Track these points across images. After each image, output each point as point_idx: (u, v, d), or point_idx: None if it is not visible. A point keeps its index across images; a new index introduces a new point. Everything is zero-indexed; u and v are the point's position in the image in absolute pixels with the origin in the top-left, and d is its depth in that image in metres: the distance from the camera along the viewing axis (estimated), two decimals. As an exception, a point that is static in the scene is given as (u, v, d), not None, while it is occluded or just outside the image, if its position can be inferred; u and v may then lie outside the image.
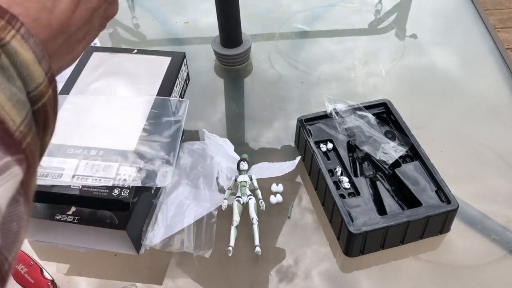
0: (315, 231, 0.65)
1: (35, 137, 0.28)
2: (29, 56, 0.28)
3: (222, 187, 0.68)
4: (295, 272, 0.61)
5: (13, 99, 0.26)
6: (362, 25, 1.01)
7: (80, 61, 0.77)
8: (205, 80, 0.89)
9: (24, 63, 0.27)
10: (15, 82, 0.27)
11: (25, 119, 0.27)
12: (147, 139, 0.64)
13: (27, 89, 0.28)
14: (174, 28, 1.02)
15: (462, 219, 0.66)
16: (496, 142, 0.75)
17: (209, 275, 0.61)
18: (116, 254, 0.63)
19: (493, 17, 2.23)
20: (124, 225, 0.58)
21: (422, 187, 0.64)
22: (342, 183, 0.66)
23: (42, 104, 0.29)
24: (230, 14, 0.85)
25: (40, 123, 0.29)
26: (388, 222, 0.60)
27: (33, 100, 0.28)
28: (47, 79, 0.29)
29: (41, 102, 0.29)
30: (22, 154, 0.26)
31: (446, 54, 0.92)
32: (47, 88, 0.29)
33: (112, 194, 0.58)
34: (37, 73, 0.28)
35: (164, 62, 0.77)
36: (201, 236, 0.63)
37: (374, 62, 0.91)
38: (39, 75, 0.28)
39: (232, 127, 0.81)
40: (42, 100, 0.29)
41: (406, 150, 0.68)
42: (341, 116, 0.73)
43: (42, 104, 0.29)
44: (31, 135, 0.27)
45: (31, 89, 0.28)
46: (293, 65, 0.91)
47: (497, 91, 0.84)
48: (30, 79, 0.28)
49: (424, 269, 0.61)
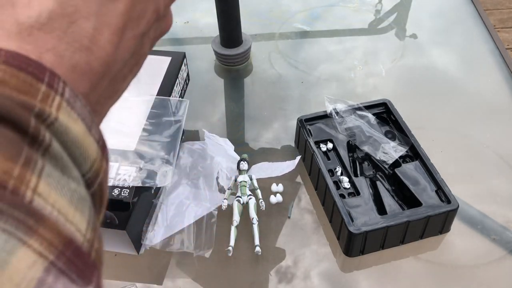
0: (315, 231, 0.65)
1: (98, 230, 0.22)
2: (79, 128, 0.21)
3: (222, 187, 0.68)
4: (295, 272, 0.61)
5: (74, 199, 0.20)
6: (362, 25, 1.01)
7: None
8: (205, 80, 0.89)
9: (75, 140, 0.21)
10: (72, 172, 0.21)
11: (89, 220, 0.21)
12: (147, 139, 0.64)
13: (82, 172, 0.22)
14: (174, 28, 1.01)
15: (462, 219, 0.66)
16: (496, 142, 0.75)
17: (209, 275, 0.61)
18: (116, 254, 0.63)
19: (493, 17, 2.23)
20: (124, 225, 0.58)
21: (422, 187, 0.64)
22: (342, 183, 0.66)
23: (98, 183, 0.23)
24: (230, 14, 0.85)
25: (96, 205, 0.23)
26: (388, 222, 0.60)
27: (89, 183, 0.22)
28: (100, 150, 0.23)
29: (98, 181, 0.23)
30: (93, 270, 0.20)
31: (446, 54, 0.92)
32: (101, 162, 0.23)
33: (112, 194, 0.58)
34: (90, 148, 0.22)
35: (164, 62, 0.77)
36: (201, 236, 0.63)
37: (374, 62, 0.91)
38: (92, 149, 0.22)
39: (232, 127, 0.81)
40: (98, 179, 0.23)
41: (406, 150, 0.68)
42: (341, 116, 0.73)
43: (98, 183, 0.23)
44: (96, 235, 0.21)
45: (86, 170, 0.22)
46: (293, 65, 0.91)
47: (497, 91, 0.84)
48: (83, 158, 0.22)
49: (424, 269, 0.61)
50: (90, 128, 0.22)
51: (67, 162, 0.20)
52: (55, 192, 0.19)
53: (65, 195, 0.19)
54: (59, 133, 0.20)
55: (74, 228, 0.19)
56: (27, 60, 0.20)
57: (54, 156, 0.20)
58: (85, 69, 0.24)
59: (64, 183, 0.20)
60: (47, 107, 0.20)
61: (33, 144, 0.19)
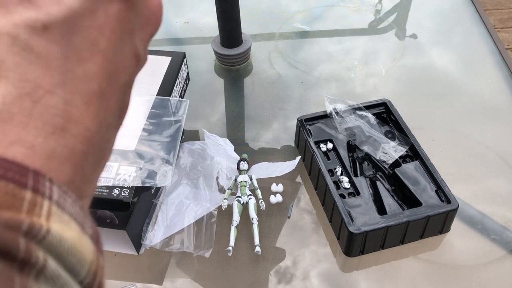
0: (315, 231, 0.65)
1: None
2: (74, 232, 0.18)
3: (222, 187, 0.68)
4: (295, 272, 0.61)
5: None
6: (362, 25, 1.01)
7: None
8: (205, 80, 0.89)
9: (71, 248, 0.18)
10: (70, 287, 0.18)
11: None
12: (147, 139, 0.64)
13: (79, 279, 0.19)
14: (174, 28, 1.02)
15: (462, 219, 0.66)
16: (496, 142, 0.75)
17: (209, 275, 0.61)
18: (116, 254, 0.63)
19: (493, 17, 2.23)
20: (124, 225, 0.58)
21: (422, 187, 0.64)
22: (342, 183, 0.66)
23: (97, 284, 0.20)
24: (230, 14, 0.85)
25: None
26: (388, 222, 0.60)
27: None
28: (95, 247, 0.20)
29: (96, 282, 0.20)
30: None
31: (446, 54, 0.92)
32: (97, 261, 0.20)
33: (112, 194, 0.58)
34: (86, 250, 0.19)
35: (164, 62, 0.77)
36: (201, 236, 0.63)
37: (374, 62, 0.91)
38: (88, 250, 0.19)
39: (232, 127, 0.81)
40: (96, 280, 0.20)
41: (406, 150, 0.68)
42: (341, 116, 0.73)
43: (97, 284, 0.20)
44: None
45: (83, 277, 0.19)
46: (293, 65, 0.91)
47: (497, 91, 0.84)
48: (80, 265, 0.18)
49: (424, 269, 0.61)
50: (83, 226, 0.19)
51: (65, 279, 0.17)
52: None
53: None
54: (53, 247, 0.17)
55: None
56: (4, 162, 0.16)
57: (50, 278, 0.17)
58: (64, 154, 0.20)
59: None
60: (35, 219, 0.16)
61: (25, 268, 0.16)
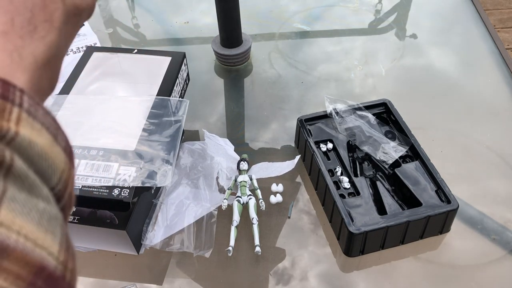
0: (315, 231, 0.65)
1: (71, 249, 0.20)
2: (45, 139, 0.20)
3: (222, 187, 0.68)
4: (295, 272, 0.61)
5: (43, 220, 0.18)
6: (361, 25, 1.01)
7: (80, 61, 0.77)
8: (205, 80, 0.89)
9: (42, 153, 0.19)
10: (40, 191, 0.19)
11: (61, 240, 0.19)
12: (147, 139, 0.64)
13: (51, 185, 0.20)
14: (174, 28, 1.02)
15: (462, 219, 0.66)
16: (496, 142, 0.75)
17: (209, 275, 0.61)
18: (116, 254, 0.63)
19: (493, 17, 2.23)
20: (124, 225, 0.58)
21: (422, 187, 0.64)
22: (342, 183, 0.66)
23: (68, 194, 0.21)
24: (230, 14, 0.85)
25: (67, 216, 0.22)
26: (388, 222, 0.60)
27: (59, 196, 0.21)
28: (67, 158, 0.21)
29: (67, 192, 0.21)
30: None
31: (446, 54, 0.92)
32: (69, 171, 0.21)
33: (112, 194, 0.58)
34: (58, 158, 0.20)
35: (164, 62, 0.77)
36: (201, 236, 0.63)
37: (374, 62, 0.91)
38: (60, 159, 0.20)
39: (232, 127, 0.81)
40: (67, 189, 0.21)
41: (406, 150, 0.68)
42: (341, 116, 0.73)
43: (68, 194, 0.21)
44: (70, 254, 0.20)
45: (55, 183, 0.20)
46: (293, 65, 0.91)
47: (497, 91, 0.84)
48: (52, 171, 0.20)
49: (424, 269, 0.61)
50: (56, 137, 0.20)
51: (34, 180, 0.19)
52: (20, 218, 0.17)
53: (33, 219, 0.18)
54: (22, 149, 0.18)
55: (45, 253, 0.18)
56: None
57: (18, 176, 0.18)
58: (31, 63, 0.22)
59: (32, 205, 0.18)
60: (4, 123, 0.18)
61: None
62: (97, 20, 1.03)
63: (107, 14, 1.06)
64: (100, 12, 1.06)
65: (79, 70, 0.75)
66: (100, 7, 1.08)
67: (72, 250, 0.20)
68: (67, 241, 0.20)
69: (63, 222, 0.20)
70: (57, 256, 0.19)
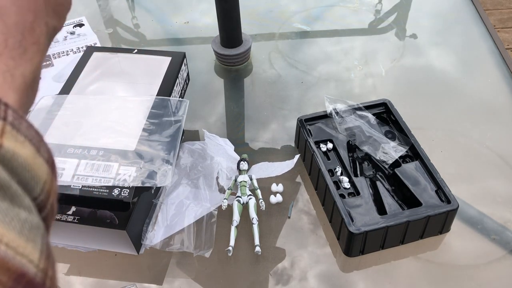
0: (315, 231, 0.65)
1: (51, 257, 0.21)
2: (28, 151, 0.20)
3: (222, 187, 0.68)
4: (294, 272, 0.61)
5: (25, 230, 0.19)
6: (361, 25, 1.01)
7: (80, 61, 0.77)
8: (205, 80, 0.89)
9: (25, 164, 0.20)
10: (22, 201, 0.20)
11: (42, 249, 0.20)
12: (147, 139, 0.64)
13: (33, 196, 0.21)
14: (174, 28, 1.02)
15: (462, 219, 0.66)
16: (496, 142, 0.75)
17: (209, 275, 0.61)
18: (116, 254, 0.63)
19: (493, 17, 2.23)
20: (124, 225, 0.58)
21: (422, 187, 0.64)
22: (342, 183, 0.66)
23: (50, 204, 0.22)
24: (230, 14, 0.85)
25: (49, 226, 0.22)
26: (388, 222, 0.60)
27: (41, 206, 0.21)
28: (50, 169, 0.22)
29: (49, 202, 0.22)
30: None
31: (446, 54, 0.92)
32: (52, 182, 0.22)
33: (112, 194, 0.58)
34: (40, 170, 0.21)
35: (164, 62, 0.77)
36: (201, 236, 0.63)
37: (374, 62, 0.91)
38: (42, 170, 0.21)
39: (232, 127, 0.81)
40: (50, 199, 0.22)
41: (406, 150, 0.69)
42: (341, 116, 0.73)
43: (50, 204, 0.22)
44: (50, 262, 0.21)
45: (37, 194, 0.21)
46: (293, 65, 0.91)
47: (497, 91, 0.84)
48: (34, 182, 0.21)
49: (424, 269, 0.61)
50: (38, 149, 0.21)
51: (16, 191, 0.19)
52: (2, 226, 0.18)
53: (14, 227, 0.19)
54: (6, 160, 0.19)
55: (25, 260, 0.19)
56: None
57: (0, 186, 0.19)
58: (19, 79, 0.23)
59: (14, 214, 0.19)
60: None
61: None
62: (97, 20, 1.03)
63: (107, 14, 1.06)
64: (100, 12, 1.06)
65: (79, 70, 0.75)
66: (100, 7, 1.08)
67: (52, 259, 0.21)
68: (47, 249, 0.21)
69: (44, 231, 0.21)
70: (37, 264, 0.19)
